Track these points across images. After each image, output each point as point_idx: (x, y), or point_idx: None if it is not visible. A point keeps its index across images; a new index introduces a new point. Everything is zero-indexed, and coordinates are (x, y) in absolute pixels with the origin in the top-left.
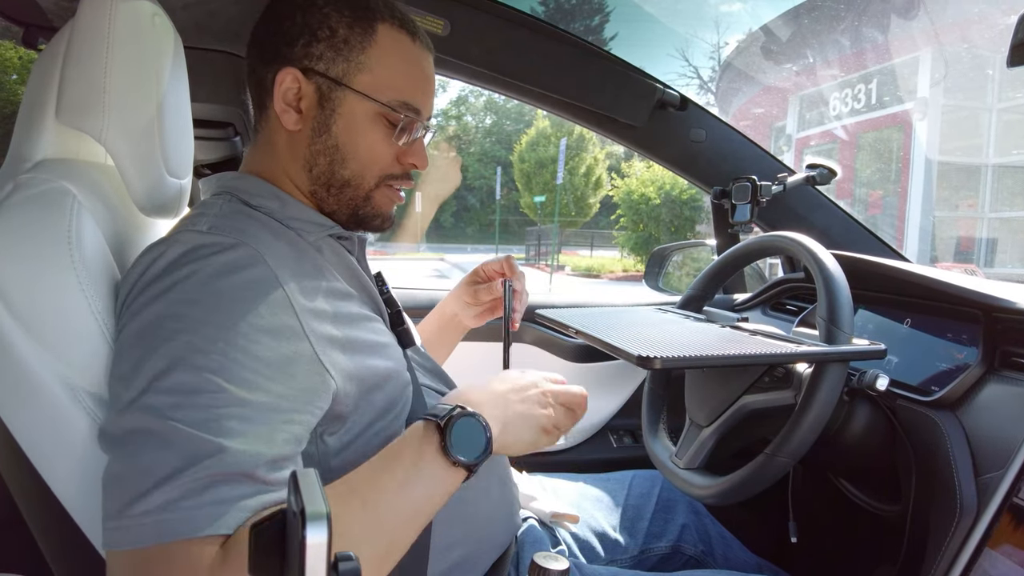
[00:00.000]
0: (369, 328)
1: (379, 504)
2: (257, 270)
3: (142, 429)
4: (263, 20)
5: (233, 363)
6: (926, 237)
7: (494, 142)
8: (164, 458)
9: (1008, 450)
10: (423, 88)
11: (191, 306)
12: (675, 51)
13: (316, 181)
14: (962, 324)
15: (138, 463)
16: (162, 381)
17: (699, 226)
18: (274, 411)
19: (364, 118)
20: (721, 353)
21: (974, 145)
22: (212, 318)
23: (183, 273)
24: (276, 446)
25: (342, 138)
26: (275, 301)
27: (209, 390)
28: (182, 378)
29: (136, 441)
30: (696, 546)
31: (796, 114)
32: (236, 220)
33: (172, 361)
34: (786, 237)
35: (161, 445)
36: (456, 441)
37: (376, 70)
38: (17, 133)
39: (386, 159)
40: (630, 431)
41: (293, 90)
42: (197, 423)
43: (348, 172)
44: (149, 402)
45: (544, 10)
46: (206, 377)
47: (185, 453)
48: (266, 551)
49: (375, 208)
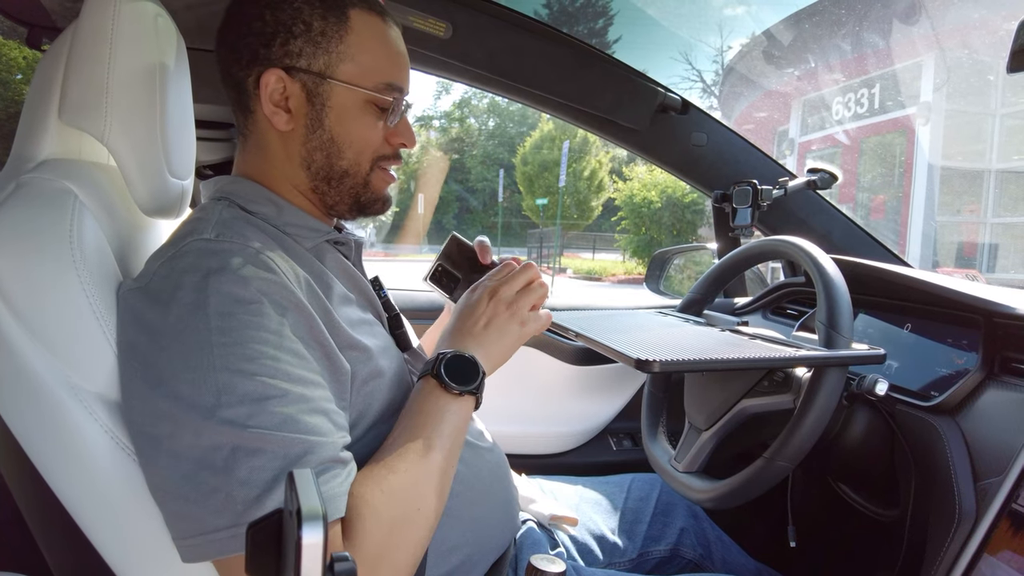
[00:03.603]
0: (369, 332)
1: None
2: (271, 275)
3: (226, 444)
4: (228, 22)
5: (284, 364)
6: (928, 242)
7: (497, 144)
8: (261, 465)
9: (1007, 456)
10: (401, 65)
11: (228, 319)
12: (679, 55)
13: (316, 177)
14: (962, 329)
15: (235, 475)
16: (230, 395)
17: (700, 229)
18: (330, 401)
19: (354, 107)
20: (721, 357)
21: (977, 150)
22: (251, 326)
23: (209, 285)
24: (342, 430)
25: (336, 130)
26: (295, 303)
27: (274, 395)
28: (247, 388)
29: (224, 456)
30: (695, 550)
31: (799, 118)
32: (237, 226)
33: (231, 374)
34: (787, 241)
35: (253, 454)
36: (451, 378)
37: (357, 57)
38: (20, 133)
39: (377, 142)
40: (629, 434)
41: (279, 90)
42: (277, 426)
43: (345, 162)
44: (225, 416)
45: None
46: (267, 383)
47: (280, 455)
48: (263, 550)
49: (373, 192)
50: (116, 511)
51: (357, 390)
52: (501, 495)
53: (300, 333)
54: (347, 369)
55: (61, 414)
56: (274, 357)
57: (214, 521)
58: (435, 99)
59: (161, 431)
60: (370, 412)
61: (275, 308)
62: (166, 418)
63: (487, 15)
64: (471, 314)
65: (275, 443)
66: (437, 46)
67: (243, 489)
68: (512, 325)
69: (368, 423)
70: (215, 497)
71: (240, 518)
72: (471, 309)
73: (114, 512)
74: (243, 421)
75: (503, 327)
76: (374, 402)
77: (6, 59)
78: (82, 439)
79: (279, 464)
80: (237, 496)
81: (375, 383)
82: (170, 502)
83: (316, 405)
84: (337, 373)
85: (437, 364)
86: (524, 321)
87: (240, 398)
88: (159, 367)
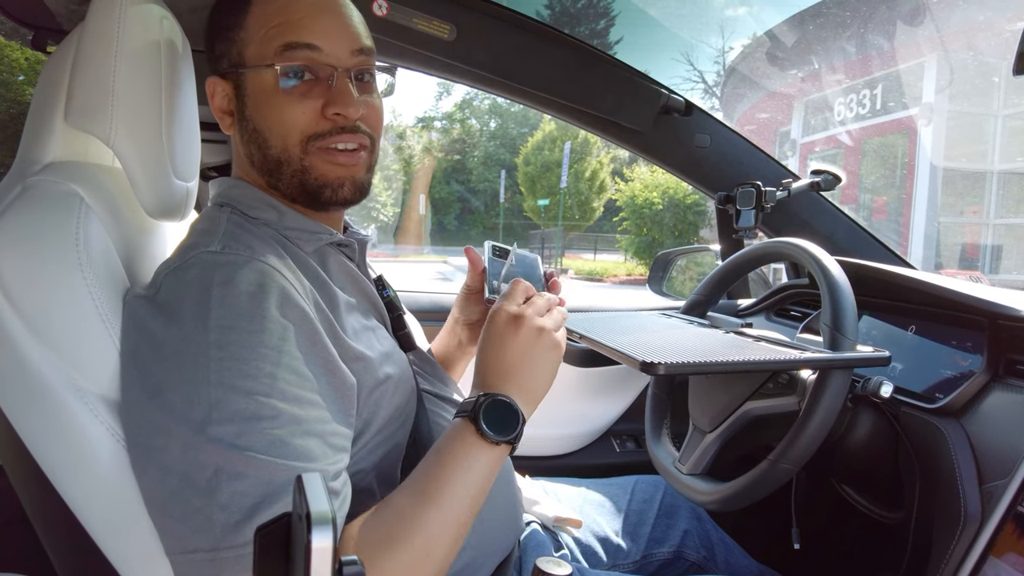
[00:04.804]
0: (374, 337)
1: (447, 499)
2: (277, 287)
3: (210, 463)
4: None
5: (280, 382)
6: (931, 243)
7: (498, 145)
8: (244, 489)
9: (1013, 458)
10: (311, 20)
11: (228, 332)
12: (680, 56)
13: (262, 172)
14: (966, 331)
15: (217, 498)
16: (220, 411)
17: (703, 231)
18: (327, 423)
19: (264, 89)
20: (725, 359)
21: (979, 151)
22: (251, 341)
23: (212, 298)
24: (340, 452)
25: (256, 119)
26: (300, 316)
27: (267, 415)
28: (239, 406)
29: (207, 476)
30: (698, 552)
31: (801, 119)
32: (244, 237)
33: (225, 390)
34: (790, 243)
35: (236, 477)
36: (490, 425)
37: (256, 37)
38: (26, 135)
39: (302, 120)
40: (633, 436)
41: (221, 96)
42: (265, 449)
43: (274, 150)
44: (213, 434)
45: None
46: (260, 401)
47: (264, 482)
48: (271, 555)
49: (317, 178)
50: (120, 512)
51: (364, 400)
52: (505, 497)
53: (303, 348)
54: (353, 383)
55: (66, 416)
56: (271, 375)
57: (195, 541)
58: (436, 100)
59: (154, 443)
60: (376, 419)
61: (278, 323)
62: (159, 430)
63: (490, 16)
64: (500, 345)
65: (260, 468)
66: (441, 48)
67: (223, 513)
68: (551, 354)
69: (375, 429)
70: (196, 518)
71: (219, 543)
72: (499, 340)
73: (118, 513)
74: (231, 440)
75: (540, 358)
76: (380, 409)
77: (8, 60)
78: (87, 441)
79: (261, 491)
80: (217, 520)
81: (381, 390)
82: (158, 515)
83: (310, 427)
84: (343, 388)
85: (476, 408)
86: (556, 345)
87: (231, 416)
88: (157, 377)
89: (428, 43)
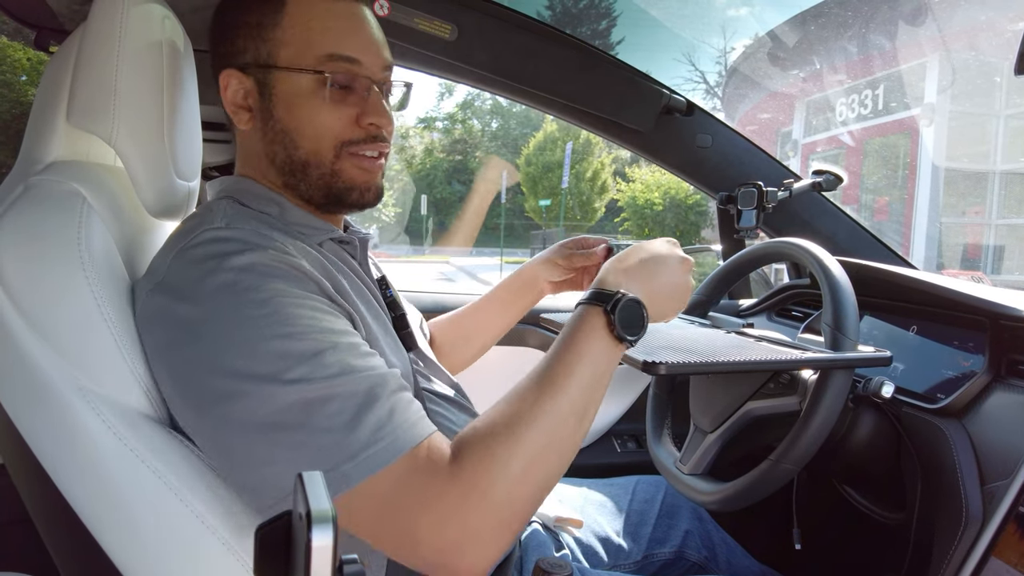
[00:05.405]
0: (374, 334)
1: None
2: (285, 255)
3: (299, 403)
4: (208, 30)
5: (323, 321)
6: (932, 244)
7: (500, 146)
8: (341, 408)
9: (1014, 459)
10: (352, 34)
11: (258, 292)
12: (681, 56)
13: (282, 172)
14: (968, 332)
15: (316, 425)
16: (286, 360)
17: (704, 231)
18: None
19: (300, 92)
20: (726, 359)
21: (981, 151)
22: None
23: (232, 265)
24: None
25: (286, 120)
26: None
27: (327, 347)
28: (300, 348)
29: (297, 411)
30: (699, 552)
31: (802, 120)
32: (245, 218)
33: (280, 340)
34: (792, 243)
35: (326, 402)
36: (622, 323)
37: (294, 40)
38: (28, 135)
39: (338, 126)
40: (634, 436)
41: (237, 90)
42: (339, 372)
43: (303, 152)
44: (289, 377)
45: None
46: (315, 338)
47: (351, 394)
48: (271, 553)
49: (346, 181)
50: (124, 513)
51: None
52: None
53: (325, 302)
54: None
55: (70, 416)
56: (312, 317)
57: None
58: (438, 100)
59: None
60: None
61: (296, 280)
62: (231, 398)
63: (492, 16)
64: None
65: (344, 386)
66: (442, 48)
67: (327, 436)
68: (683, 292)
69: None
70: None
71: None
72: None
73: (122, 514)
74: (308, 377)
75: (679, 286)
76: None
77: (11, 61)
78: (91, 441)
79: (355, 402)
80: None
81: None
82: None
83: (365, 349)
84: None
85: (614, 301)
86: (689, 288)
87: (298, 359)
88: (208, 354)
89: (429, 43)
